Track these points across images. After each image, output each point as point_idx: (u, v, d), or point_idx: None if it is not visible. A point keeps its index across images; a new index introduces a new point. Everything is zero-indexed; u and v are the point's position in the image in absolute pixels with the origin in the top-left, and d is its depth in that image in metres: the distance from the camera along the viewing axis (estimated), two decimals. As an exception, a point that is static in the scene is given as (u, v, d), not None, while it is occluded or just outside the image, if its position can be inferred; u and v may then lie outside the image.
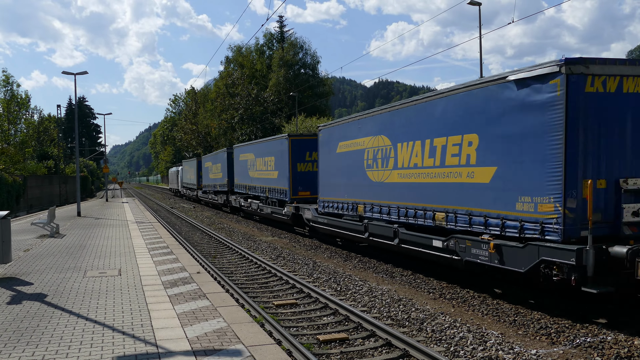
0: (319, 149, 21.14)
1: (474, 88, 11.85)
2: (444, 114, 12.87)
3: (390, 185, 15.40)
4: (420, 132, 13.82)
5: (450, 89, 12.83)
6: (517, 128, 10.54)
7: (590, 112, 9.55)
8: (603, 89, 9.64)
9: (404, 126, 14.69)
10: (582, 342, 8.55)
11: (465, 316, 10.33)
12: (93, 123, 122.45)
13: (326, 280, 13.99)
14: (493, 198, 11.15)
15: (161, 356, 6.67)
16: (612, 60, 9.83)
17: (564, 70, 9.43)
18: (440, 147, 12.97)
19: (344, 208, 18.54)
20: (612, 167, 9.75)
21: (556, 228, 9.59)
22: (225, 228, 28.33)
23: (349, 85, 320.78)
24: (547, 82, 9.79)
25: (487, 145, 11.41)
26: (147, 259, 14.48)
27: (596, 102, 9.58)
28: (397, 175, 15.02)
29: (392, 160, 15.31)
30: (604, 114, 9.64)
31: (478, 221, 11.59)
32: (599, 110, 9.61)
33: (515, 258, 10.43)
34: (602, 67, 9.60)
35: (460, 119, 12.23)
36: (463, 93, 12.22)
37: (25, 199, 46.24)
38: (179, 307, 9.12)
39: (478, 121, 11.65)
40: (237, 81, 69.39)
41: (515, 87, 10.57)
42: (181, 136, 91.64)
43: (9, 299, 9.92)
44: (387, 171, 15.56)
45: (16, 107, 53.18)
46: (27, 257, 15.12)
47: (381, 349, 8.58)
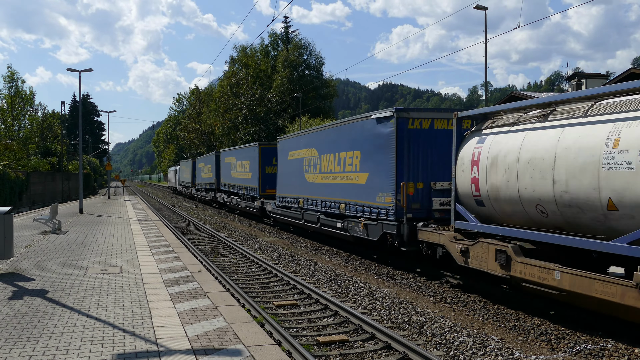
0: (278, 155, 26.96)
1: (357, 120, 17.93)
2: (345, 135, 18.60)
3: (317, 185, 21.11)
4: (333, 147, 19.57)
5: (348, 119, 19.14)
6: (375, 148, 16.16)
7: (412, 141, 15.06)
8: (420, 126, 15.18)
9: (325, 142, 20.57)
10: (582, 349, 8.54)
11: (465, 320, 10.32)
12: (97, 120, 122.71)
13: (327, 282, 13.99)
14: (366, 194, 16.73)
15: (161, 354, 6.68)
16: (426, 109, 18.58)
17: (396, 115, 15.01)
18: (343, 158, 18.65)
19: (292, 202, 24.20)
20: (426, 174, 15.13)
21: (392, 212, 15.08)
22: (227, 227, 28.35)
23: (353, 87, 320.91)
24: (389, 121, 15.37)
25: (364, 158, 17.02)
26: (148, 257, 14.50)
27: (415, 134, 15.08)
28: (321, 177, 20.74)
29: (318, 167, 20.98)
30: (421, 141, 15.14)
31: (359, 209, 17.19)
32: (417, 139, 15.11)
33: (373, 231, 16.16)
34: (419, 113, 15.45)
35: (352, 140, 17.92)
36: (353, 123, 18.19)
37: (28, 195, 46.33)
38: (180, 306, 9.13)
39: (359, 142, 17.37)
40: (241, 81, 69.46)
41: (375, 122, 16.27)
42: (184, 135, 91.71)
43: (11, 294, 9.95)
44: (316, 174, 21.25)
45: (20, 103, 53.38)
46: (29, 253, 15.16)
47: (381, 351, 8.58)
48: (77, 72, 33.80)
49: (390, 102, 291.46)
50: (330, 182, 19.77)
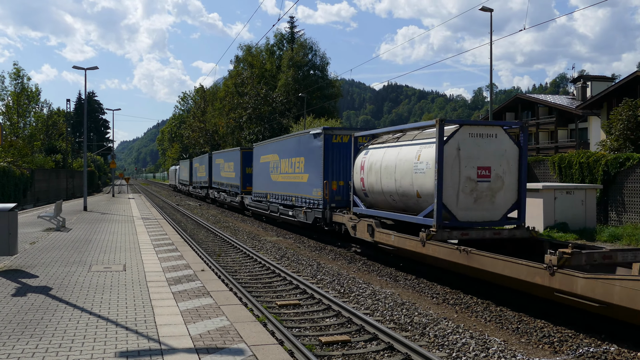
0: (253, 159, 32.96)
1: (302, 134, 23.83)
2: (295, 145, 24.54)
3: (278, 183, 26.86)
4: (288, 154, 25.29)
5: (297, 133, 26.29)
6: (312, 155, 21.90)
7: (335, 151, 20.87)
8: (340, 140, 20.95)
9: (283, 149, 26.33)
10: (585, 352, 8.53)
11: (468, 322, 10.31)
12: (102, 118, 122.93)
13: (330, 282, 14.00)
14: (307, 189, 22.38)
15: (164, 353, 6.69)
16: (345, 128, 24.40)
17: (324, 132, 20.93)
18: (294, 162, 24.32)
19: (262, 196, 30.02)
20: (345, 175, 20.54)
21: (321, 202, 20.83)
22: (230, 227, 28.38)
23: (358, 88, 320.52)
24: (320, 136, 21.15)
25: (306, 162, 22.68)
26: (152, 255, 14.52)
27: (337, 146, 20.93)
28: (280, 177, 26.53)
29: (279, 168, 26.74)
30: (341, 151, 20.82)
31: (303, 201, 22.89)
32: (339, 150, 20.87)
33: (309, 216, 21.76)
34: (340, 131, 21.47)
35: (299, 148, 23.73)
36: (300, 136, 24.21)
37: (33, 192, 46.44)
38: (183, 305, 9.14)
39: (304, 150, 23.09)
40: (246, 80, 69.51)
41: (312, 137, 21.94)
42: (189, 134, 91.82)
43: (14, 291, 9.98)
44: (277, 175, 27.06)
45: (26, 100, 53.48)
46: (33, 250, 15.20)
47: (383, 352, 8.58)
48: (82, 70, 33.90)
49: (395, 103, 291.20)
50: (286, 181, 25.67)
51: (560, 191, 21.69)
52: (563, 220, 21.35)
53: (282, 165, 26.30)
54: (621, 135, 26.69)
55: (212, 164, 47.28)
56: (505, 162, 13.89)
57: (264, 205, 29.23)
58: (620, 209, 22.43)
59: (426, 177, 13.85)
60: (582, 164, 24.13)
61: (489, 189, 13.72)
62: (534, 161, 28.48)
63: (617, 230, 20.58)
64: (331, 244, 21.05)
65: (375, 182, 16.65)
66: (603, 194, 23.02)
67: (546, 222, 21.20)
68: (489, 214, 13.97)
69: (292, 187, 24.58)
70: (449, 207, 13.52)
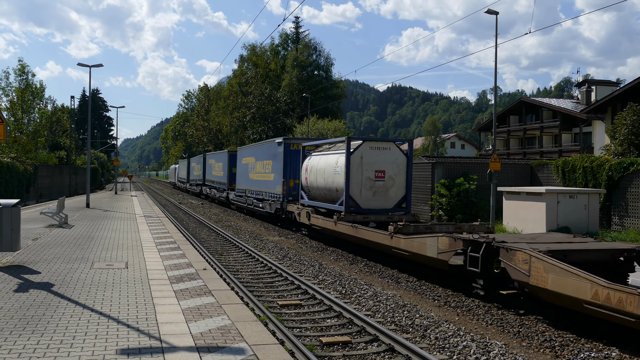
0: (237, 160, 38.68)
1: (271, 142, 29.56)
2: (265, 150, 30.35)
3: (254, 180, 32.45)
4: (261, 157, 31.20)
5: (267, 140, 32.25)
6: (276, 159, 27.51)
7: (292, 156, 26.35)
8: (297, 148, 26.13)
9: (257, 153, 32.27)
10: (586, 356, 8.51)
11: (469, 325, 10.30)
12: (106, 115, 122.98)
13: (331, 283, 14.00)
14: (273, 186, 27.81)
15: (165, 351, 6.69)
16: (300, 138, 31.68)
17: (284, 141, 26.82)
18: (265, 164, 29.98)
19: (242, 192, 35.65)
20: (299, 175, 24.65)
21: (281, 196, 26.28)
22: (233, 226, 28.40)
23: (362, 89, 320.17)
24: (281, 145, 26.95)
25: (273, 165, 28.25)
26: (154, 253, 14.54)
27: (294, 152, 26.28)
28: (256, 176, 32.14)
29: (255, 169, 32.46)
30: (297, 157, 25.58)
31: (270, 195, 28.45)
32: (296, 155, 26.02)
33: (273, 207, 27.46)
34: (296, 141, 26.96)
35: (268, 153, 29.54)
36: (270, 143, 30.00)
37: (36, 188, 46.52)
38: (184, 303, 9.15)
39: (271, 155, 28.72)
40: (250, 80, 69.56)
41: (276, 144, 27.79)
42: (192, 132, 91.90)
43: (16, 286, 10.00)
44: (254, 174, 32.71)
45: (30, 96, 53.57)
46: (36, 246, 15.22)
47: (384, 354, 8.57)
48: (87, 67, 33.92)
49: (398, 105, 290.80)
50: (259, 179, 31.27)
51: (564, 195, 21.66)
52: (565, 224, 21.32)
53: (257, 167, 32.14)
54: (625, 139, 26.65)
55: (206, 163, 52.61)
56: (396, 167, 19.73)
57: (244, 199, 35.06)
58: (623, 214, 22.40)
59: (341, 177, 19.66)
60: (586, 168, 24.10)
61: (383, 186, 19.67)
62: (538, 165, 28.45)
63: (620, 235, 20.56)
64: (287, 228, 27.10)
65: (313, 181, 22.54)
66: (606, 198, 22.99)
67: (548, 226, 21.17)
68: (384, 203, 19.80)
69: (263, 184, 30.19)
70: (355, 198, 19.37)
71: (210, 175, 49.72)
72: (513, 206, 23.07)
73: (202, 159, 54.54)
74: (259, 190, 31.06)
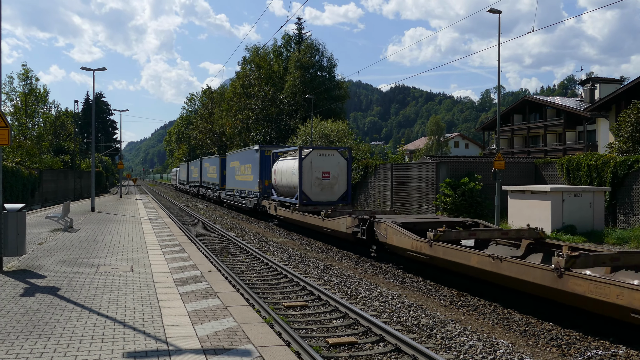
0: (226, 164, 44.34)
1: (250, 149, 36.12)
2: (246, 155, 36.52)
3: (239, 181, 38.18)
4: (243, 161, 36.85)
5: (248, 148, 40.11)
6: (254, 163, 33.99)
7: (266, 161, 32.13)
8: (270, 154, 31.59)
9: (241, 158, 38.04)
10: (593, 355, 8.49)
11: (475, 324, 10.29)
12: (109, 119, 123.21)
13: (337, 284, 13.99)
14: (252, 186, 33.97)
15: (171, 354, 6.70)
16: (272, 145, 42.57)
17: (259, 148, 33.29)
18: (246, 167, 35.63)
19: (230, 191, 41.55)
20: (270, 176, 30.81)
21: (258, 194, 32.79)
22: (237, 228, 28.42)
23: (365, 90, 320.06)
24: (257, 151, 33.54)
25: (252, 168, 34.29)
26: (159, 256, 14.56)
27: (268, 158, 32.04)
28: (240, 177, 37.80)
29: (239, 171, 38.01)
30: (270, 161, 31.06)
31: (251, 193, 34.54)
32: (269, 160, 31.65)
33: (252, 203, 34.12)
34: (269, 148, 33.37)
35: (248, 158, 35.64)
36: (249, 149, 36.25)
37: (41, 193, 46.64)
38: (190, 305, 9.16)
39: (251, 160, 34.90)
40: (253, 82, 69.57)
41: (254, 150, 34.32)
42: (196, 135, 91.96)
43: (22, 291, 10.02)
44: (239, 175, 38.23)
45: (34, 101, 53.64)
46: (41, 250, 15.26)
47: (390, 354, 8.56)
48: (91, 71, 34.05)
49: (402, 105, 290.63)
50: (243, 180, 37.24)
51: (569, 193, 21.60)
52: (571, 222, 21.26)
53: (241, 169, 38.19)
54: (630, 137, 26.59)
55: (202, 166, 58.43)
56: (339, 169, 26.27)
57: (231, 197, 41.18)
58: (628, 211, 22.33)
59: (297, 177, 25.89)
60: (590, 166, 24.04)
61: (329, 184, 26.13)
62: (542, 163, 28.39)
63: (626, 233, 20.48)
64: (265, 220, 32.86)
65: (279, 180, 28.69)
66: (612, 196, 22.92)
67: (554, 225, 21.12)
68: (330, 197, 26.15)
69: (245, 184, 36.46)
70: (307, 193, 25.69)
71: (206, 177, 55.67)
72: (518, 205, 23.01)
73: (199, 163, 60.07)
74: (242, 189, 37.32)
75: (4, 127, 11.96)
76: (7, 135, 12.00)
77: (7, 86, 51.18)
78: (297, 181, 25.56)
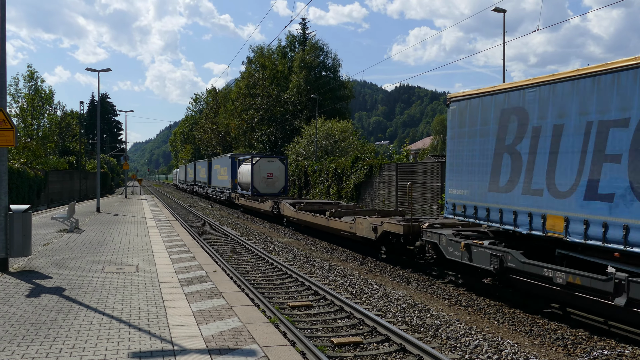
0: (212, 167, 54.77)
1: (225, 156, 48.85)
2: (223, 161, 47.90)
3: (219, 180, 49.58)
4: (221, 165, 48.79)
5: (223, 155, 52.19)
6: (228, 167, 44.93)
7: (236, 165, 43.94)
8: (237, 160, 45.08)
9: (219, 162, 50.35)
10: (599, 354, 8.46)
11: (480, 324, 10.27)
12: (114, 120, 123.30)
13: (342, 283, 13.98)
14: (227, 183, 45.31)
15: (176, 354, 6.71)
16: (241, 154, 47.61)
17: (231, 156, 45.03)
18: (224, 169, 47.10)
19: (214, 188, 52.49)
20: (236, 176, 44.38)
21: (230, 190, 43.85)
22: (242, 228, 28.44)
23: (370, 89, 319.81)
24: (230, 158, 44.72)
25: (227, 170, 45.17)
26: (164, 257, 14.58)
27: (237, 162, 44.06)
28: (219, 177, 49.96)
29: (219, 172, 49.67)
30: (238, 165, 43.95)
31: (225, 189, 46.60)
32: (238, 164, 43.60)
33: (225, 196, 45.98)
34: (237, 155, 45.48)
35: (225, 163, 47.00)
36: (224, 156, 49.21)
37: (46, 194, 46.77)
38: (195, 305, 9.17)
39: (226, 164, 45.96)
40: (258, 82, 69.60)
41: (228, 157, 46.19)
42: (201, 135, 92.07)
43: (28, 291, 10.05)
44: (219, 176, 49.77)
45: (40, 102, 53.79)
46: (47, 251, 15.30)
47: (395, 354, 8.55)
48: (96, 72, 34.10)
49: (407, 104, 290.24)
50: (221, 179, 48.40)
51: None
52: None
53: (220, 171, 49.10)
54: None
55: (196, 168, 68.84)
56: (279, 171, 38.68)
57: (215, 193, 51.92)
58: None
59: (250, 177, 37.89)
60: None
61: (272, 181, 38.23)
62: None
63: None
64: (235, 208, 42.31)
65: (241, 179, 40.43)
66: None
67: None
68: (273, 190, 37.84)
69: (223, 182, 47.23)
70: (257, 188, 37.60)
71: (199, 178, 65.65)
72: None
73: (194, 165, 72.01)
74: (221, 186, 48.92)
75: (9, 129, 12.00)
76: (13, 137, 12.03)
77: (12, 87, 51.35)
78: (250, 179, 37.92)
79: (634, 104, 8.76)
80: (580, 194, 9.64)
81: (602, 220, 9.17)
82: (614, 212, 8.97)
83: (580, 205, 9.67)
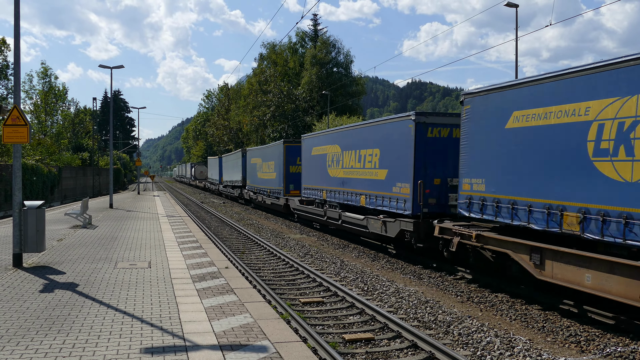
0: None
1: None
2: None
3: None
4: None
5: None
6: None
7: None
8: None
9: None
10: (612, 351, 8.40)
11: (492, 320, 10.23)
12: (127, 116, 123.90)
13: (353, 280, 13.98)
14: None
15: (188, 349, 6.74)
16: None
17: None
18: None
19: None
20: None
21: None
22: (254, 224, 28.49)
23: (382, 85, 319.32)
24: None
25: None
26: (176, 253, 14.64)
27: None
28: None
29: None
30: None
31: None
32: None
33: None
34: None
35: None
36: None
37: (60, 190, 47.11)
38: (207, 301, 9.20)
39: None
40: (269, 78, 69.61)
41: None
42: (213, 132, 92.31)
43: (42, 287, 10.13)
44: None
45: (53, 99, 54.18)
46: (60, 247, 15.41)
47: (407, 350, 8.54)
48: (108, 69, 34.26)
49: (419, 100, 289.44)
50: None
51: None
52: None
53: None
54: None
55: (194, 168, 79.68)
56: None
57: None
58: None
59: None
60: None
61: None
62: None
63: None
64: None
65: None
66: None
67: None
68: None
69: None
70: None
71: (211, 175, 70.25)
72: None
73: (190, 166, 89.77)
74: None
75: (23, 125, 12.09)
76: (27, 133, 12.12)
77: (26, 84, 51.74)
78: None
79: None
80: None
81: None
82: None
83: None
